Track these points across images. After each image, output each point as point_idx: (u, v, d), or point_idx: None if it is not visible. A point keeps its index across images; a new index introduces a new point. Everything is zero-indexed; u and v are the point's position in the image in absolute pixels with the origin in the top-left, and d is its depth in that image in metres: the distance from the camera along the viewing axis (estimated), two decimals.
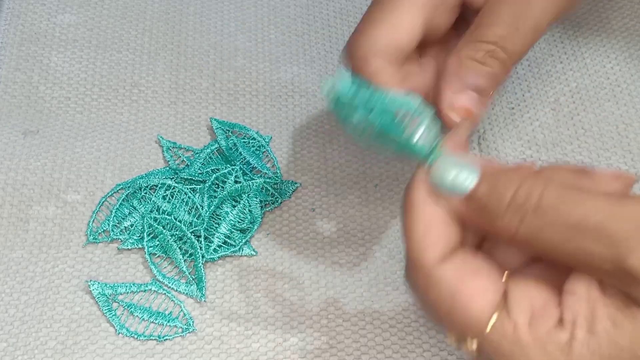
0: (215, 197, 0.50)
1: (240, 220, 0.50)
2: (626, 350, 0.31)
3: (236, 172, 0.51)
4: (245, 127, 0.54)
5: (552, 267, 0.34)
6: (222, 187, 0.51)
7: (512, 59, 0.41)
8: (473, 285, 0.32)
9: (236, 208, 0.50)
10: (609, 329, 0.31)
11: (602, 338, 0.31)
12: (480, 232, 0.36)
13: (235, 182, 0.51)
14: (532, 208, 0.31)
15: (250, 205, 0.50)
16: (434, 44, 0.44)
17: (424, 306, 0.35)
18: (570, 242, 0.31)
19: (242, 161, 0.52)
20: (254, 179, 0.51)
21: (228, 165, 0.52)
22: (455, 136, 0.35)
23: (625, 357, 0.31)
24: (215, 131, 0.53)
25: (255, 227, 0.50)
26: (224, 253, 0.49)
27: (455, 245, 0.34)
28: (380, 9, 0.42)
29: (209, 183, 0.50)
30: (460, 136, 0.36)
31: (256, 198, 0.50)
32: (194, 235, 0.49)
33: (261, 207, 0.51)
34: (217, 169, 0.52)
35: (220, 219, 0.50)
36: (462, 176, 0.33)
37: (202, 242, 0.49)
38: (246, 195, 0.50)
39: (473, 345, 0.33)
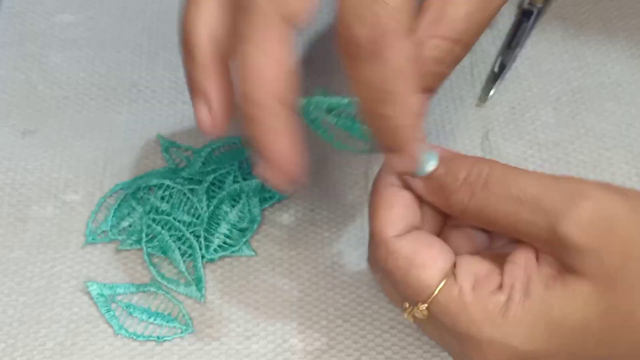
0: (214, 197, 0.50)
1: (239, 220, 0.50)
2: (556, 310, 0.35)
3: (235, 171, 0.51)
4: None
5: (498, 254, 0.39)
6: (221, 187, 0.51)
7: (468, 50, 0.40)
8: (426, 255, 0.37)
9: (235, 208, 0.50)
10: (541, 291, 0.35)
11: (535, 300, 0.35)
12: (437, 215, 0.40)
13: (234, 181, 0.51)
14: (481, 185, 0.36)
15: (249, 205, 0.50)
16: None
17: (384, 277, 0.40)
18: (512, 212, 0.36)
19: (241, 161, 0.52)
20: (252, 178, 0.51)
21: (227, 165, 0.52)
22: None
23: (556, 316, 0.35)
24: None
25: (255, 226, 0.50)
26: (223, 253, 0.49)
27: (413, 227, 0.39)
28: None
29: (208, 183, 0.50)
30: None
31: (255, 197, 0.50)
32: (193, 236, 0.49)
33: (260, 205, 0.50)
34: (217, 169, 0.51)
35: (219, 218, 0.50)
36: (424, 161, 0.38)
37: (202, 243, 0.48)
38: (245, 194, 0.50)
39: (423, 308, 0.37)
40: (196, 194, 0.50)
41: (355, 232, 0.50)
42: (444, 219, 0.41)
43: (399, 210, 0.38)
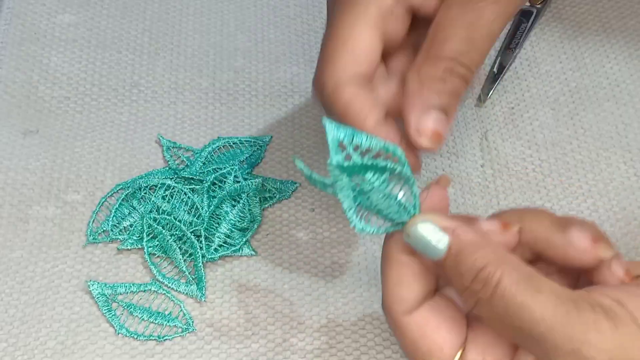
0: (214, 196, 0.50)
1: (240, 220, 0.50)
2: None
3: (235, 171, 0.51)
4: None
5: None
6: (222, 187, 0.51)
7: (471, 71, 0.41)
8: (432, 341, 0.36)
9: (236, 207, 0.50)
10: None
11: None
12: None
13: (235, 181, 0.51)
14: (486, 298, 0.34)
15: (249, 205, 0.50)
16: (395, 51, 0.44)
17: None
18: (514, 337, 0.35)
19: (241, 161, 0.53)
20: (253, 178, 0.51)
21: (227, 165, 0.52)
22: (434, 196, 0.38)
23: None
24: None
25: (255, 226, 0.50)
26: (224, 253, 0.49)
27: (425, 296, 0.37)
28: (337, 37, 0.42)
29: (209, 183, 0.50)
30: (439, 195, 0.38)
31: (255, 197, 0.50)
32: (193, 235, 0.49)
33: (261, 205, 0.51)
34: (217, 169, 0.52)
35: (220, 218, 0.50)
36: (431, 245, 0.35)
37: (202, 242, 0.49)
38: (245, 194, 0.50)
39: None
40: (197, 194, 0.50)
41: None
42: None
43: (407, 286, 0.36)
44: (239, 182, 0.51)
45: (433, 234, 0.35)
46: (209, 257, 0.48)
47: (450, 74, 0.40)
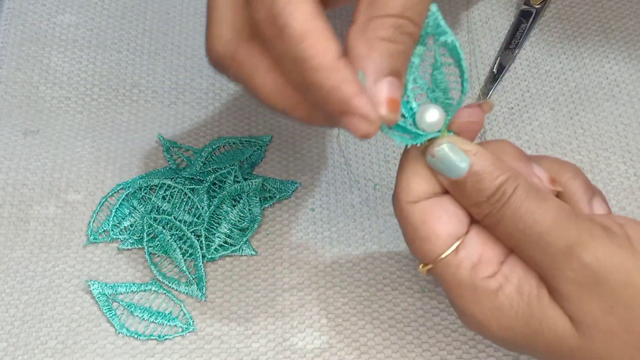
0: (215, 196, 0.50)
1: (240, 220, 0.50)
2: (536, 320, 0.37)
3: (235, 171, 0.51)
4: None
5: None
6: (222, 187, 0.51)
7: (419, 26, 0.37)
8: (430, 228, 0.38)
9: (236, 207, 0.50)
10: (532, 297, 0.37)
11: (523, 300, 0.37)
12: None
13: (235, 181, 0.51)
14: (500, 206, 0.37)
15: (250, 205, 0.50)
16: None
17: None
18: (516, 240, 0.37)
19: (241, 161, 0.53)
20: (253, 178, 0.51)
21: (227, 165, 0.52)
22: (468, 115, 0.39)
23: (534, 325, 0.37)
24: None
25: (255, 225, 0.50)
26: (224, 253, 0.49)
27: (433, 193, 0.39)
28: None
29: (209, 183, 0.51)
30: (474, 116, 0.40)
31: (255, 197, 0.51)
32: (194, 235, 0.49)
33: (261, 205, 0.51)
34: (217, 169, 0.52)
35: (220, 218, 0.50)
36: (453, 166, 0.38)
37: (203, 242, 0.49)
38: (246, 194, 0.51)
39: (425, 270, 0.39)
40: (197, 194, 0.51)
41: (355, 232, 0.50)
42: None
43: (419, 179, 0.38)
44: (239, 182, 0.51)
45: (456, 155, 0.37)
46: (209, 257, 0.49)
47: (400, 33, 0.36)
